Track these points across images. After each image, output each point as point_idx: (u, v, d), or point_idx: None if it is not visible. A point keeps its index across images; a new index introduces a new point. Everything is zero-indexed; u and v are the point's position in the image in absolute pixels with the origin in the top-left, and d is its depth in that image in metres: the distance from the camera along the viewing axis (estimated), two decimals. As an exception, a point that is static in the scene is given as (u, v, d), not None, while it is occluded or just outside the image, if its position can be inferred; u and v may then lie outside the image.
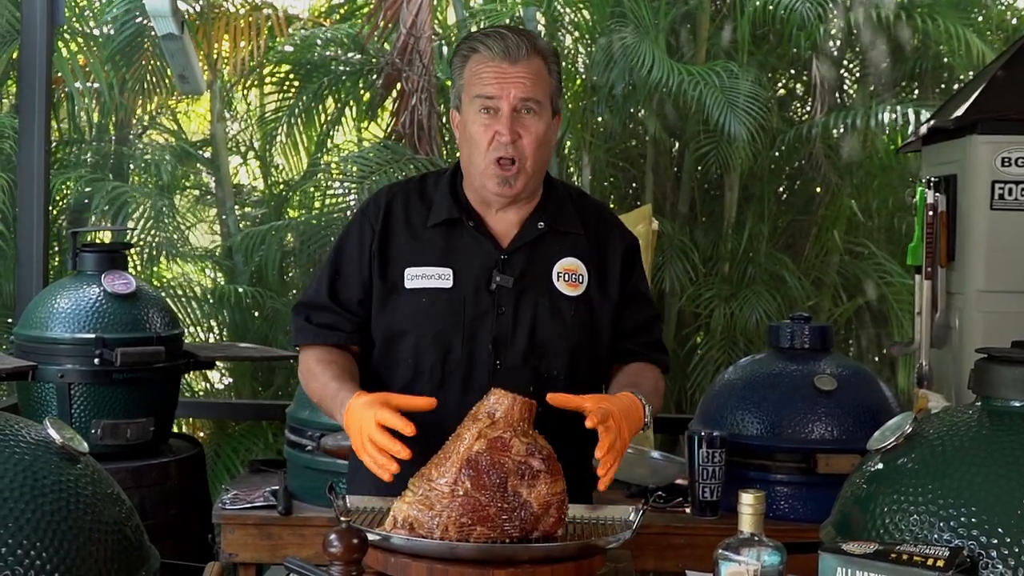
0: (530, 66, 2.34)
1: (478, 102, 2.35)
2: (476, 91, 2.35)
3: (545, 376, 2.38)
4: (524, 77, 2.33)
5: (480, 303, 2.38)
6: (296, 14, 7.47)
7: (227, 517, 3.38)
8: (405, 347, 2.41)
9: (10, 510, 1.54)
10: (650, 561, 3.21)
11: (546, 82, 2.37)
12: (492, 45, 2.34)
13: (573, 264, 2.44)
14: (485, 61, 2.35)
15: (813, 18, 6.35)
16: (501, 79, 2.33)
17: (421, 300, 2.39)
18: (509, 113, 2.32)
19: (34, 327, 3.69)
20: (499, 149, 2.32)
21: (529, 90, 2.33)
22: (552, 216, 2.45)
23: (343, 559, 1.63)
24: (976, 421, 1.74)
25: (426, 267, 2.40)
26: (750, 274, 6.41)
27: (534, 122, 2.34)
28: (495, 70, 2.33)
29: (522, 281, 2.39)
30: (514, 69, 2.33)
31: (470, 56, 2.38)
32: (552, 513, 1.96)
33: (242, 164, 7.79)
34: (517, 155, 2.33)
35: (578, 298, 2.42)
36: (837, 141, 6.64)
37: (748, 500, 1.65)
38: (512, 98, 2.32)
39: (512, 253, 2.41)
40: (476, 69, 2.36)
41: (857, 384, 3.32)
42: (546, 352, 2.38)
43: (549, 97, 2.38)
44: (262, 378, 6.71)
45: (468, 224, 2.42)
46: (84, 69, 6.74)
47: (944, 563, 1.51)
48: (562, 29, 7.09)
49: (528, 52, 2.34)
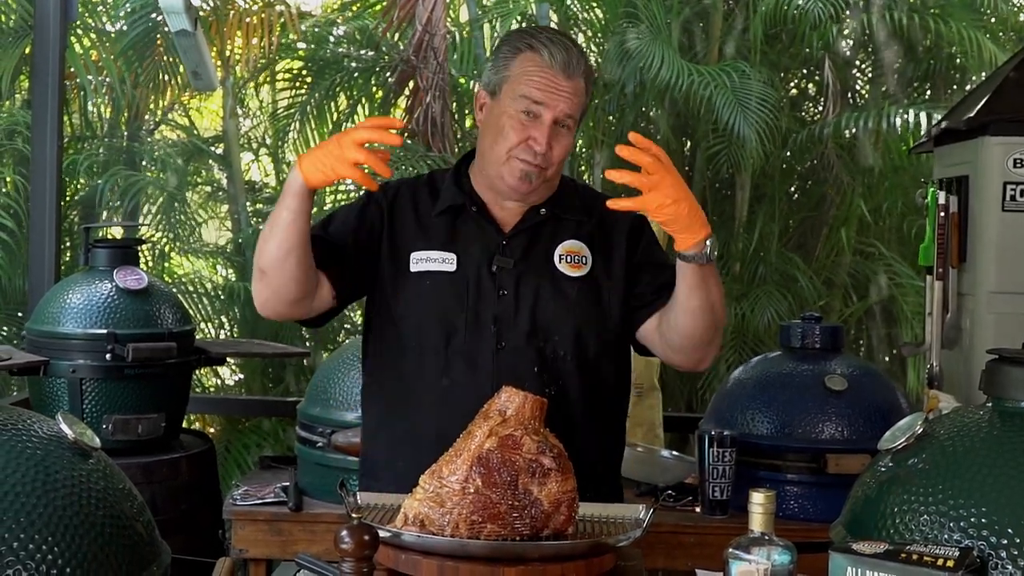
0: (578, 84, 2.37)
1: (523, 102, 2.35)
2: (524, 91, 2.35)
3: (551, 356, 2.40)
4: (572, 94, 2.36)
5: (482, 285, 2.40)
6: (309, 11, 7.48)
7: (238, 513, 3.39)
8: (410, 330, 2.43)
9: (22, 505, 1.55)
10: (660, 560, 3.21)
11: (583, 102, 2.41)
12: (555, 54, 2.35)
13: (576, 246, 2.45)
14: (542, 65, 2.36)
15: (826, 18, 6.34)
16: (553, 90, 2.34)
17: (425, 283, 2.41)
18: (550, 124, 2.34)
19: (46, 322, 3.70)
20: (529, 153, 2.35)
21: (574, 108, 2.37)
22: (554, 203, 2.48)
23: (354, 555, 1.64)
24: (987, 422, 1.74)
25: (430, 251, 2.43)
26: (761, 274, 6.41)
27: (566, 136, 2.38)
28: (549, 79, 2.35)
29: (523, 263, 2.42)
30: (566, 84, 2.35)
31: (526, 52, 2.38)
32: (563, 511, 1.96)
33: (254, 160, 7.80)
34: (545, 163, 2.36)
35: (582, 279, 2.43)
36: (849, 141, 6.63)
37: (759, 499, 1.65)
38: (558, 111, 2.34)
39: (513, 237, 2.44)
40: (529, 68, 2.36)
41: (868, 384, 3.32)
42: (550, 333, 2.39)
43: (580, 115, 2.42)
44: (273, 374, 6.72)
45: (471, 210, 2.45)
46: (97, 65, 6.75)
47: (954, 563, 1.51)
48: (574, 27, 7.09)
49: (579, 71, 2.37)
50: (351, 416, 3.37)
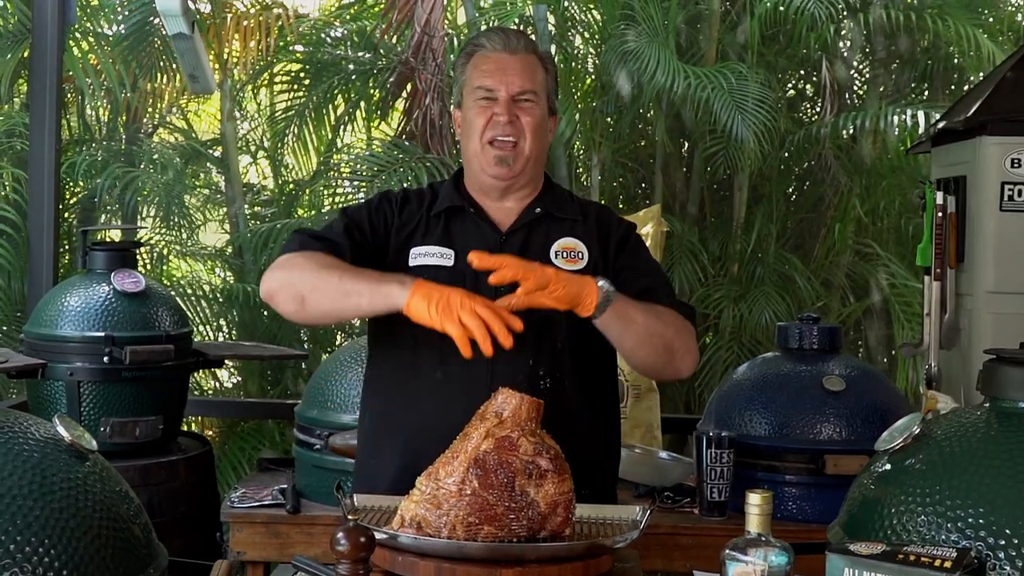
0: (527, 60, 2.49)
1: (479, 92, 2.48)
2: (477, 83, 2.49)
3: (549, 350, 2.43)
4: (522, 69, 2.48)
5: (479, 280, 2.37)
6: (306, 13, 7.48)
7: (235, 515, 3.39)
8: (406, 323, 2.41)
9: (18, 507, 1.55)
10: (658, 561, 3.21)
11: (542, 79, 2.51)
12: (493, 38, 2.51)
13: (571, 243, 2.52)
14: (487, 55, 2.50)
15: (824, 19, 6.34)
16: (501, 70, 2.47)
17: (422, 277, 2.40)
18: (507, 99, 2.46)
19: (44, 325, 3.70)
20: (495, 128, 2.45)
21: (528, 82, 2.47)
22: (550, 204, 2.56)
23: (350, 557, 1.64)
24: (984, 422, 1.74)
25: (430, 246, 2.49)
26: (759, 275, 6.41)
27: (532, 109, 2.48)
28: (495, 62, 2.48)
29: (520, 258, 2.41)
30: (513, 60, 2.48)
31: (473, 53, 2.53)
32: (559, 513, 1.96)
33: (252, 163, 7.80)
34: (515, 134, 2.46)
35: (578, 272, 2.44)
36: (847, 142, 6.63)
37: (755, 500, 1.65)
38: (511, 86, 2.46)
39: (510, 234, 2.51)
40: (477, 63, 2.51)
41: (866, 385, 3.31)
42: (547, 326, 2.41)
43: (546, 94, 2.52)
44: (271, 377, 6.72)
45: (469, 211, 2.52)
46: (95, 68, 6.75)
47: (951, 564, 1.51)
48: (572, 29, 7.09)
49: (526, 48, 2.50)
50: (348, 418, 3.37)
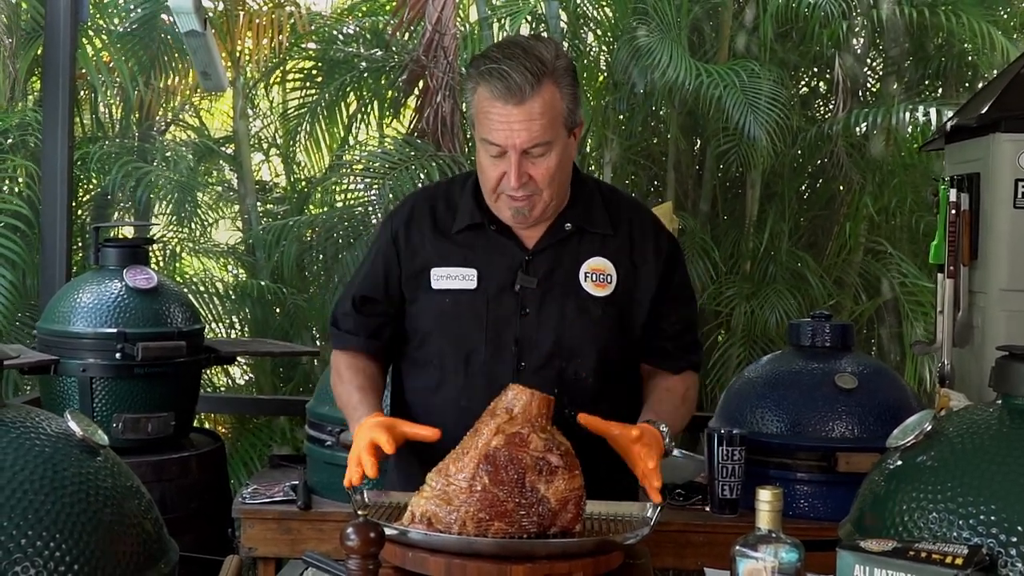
0: (536, 103, 2.19)
1: (485, 145, 2.25)
2: (484, 135, 2.24)
3: (573, 378, 2.34)
4: (527, 121, 2.19)
5: (503, 304, 2.34)
6: (319, 11, 7.49)
7: (247, 511, 3.40)
8: (432, 348, 2.39)
9: (30, 502, 1.55)
10: (669, 559, 3.21)
11: (557, 112, 2.23)
12: (496, 85, 2.19)
13: (601, 264, 2.37)
14: (492, 100, 2.21)
15: (837, 15, 6.33)
16: (507, 125, 2.20)
17: (445, 301, 2.36)
18: (517, 159, 2.22)
19: (56, 321, 3.71)
20: (507, 186, 2.25)
21: (536, 135, 2.21)
22: (580, 217, 2.38)
23: (360, 553, 1.63)
24: (996, 419, 1.73)
25: (451, 267, 2.36)
26: (771, 272, 6.40)
27: (544, 160, 2.24)
28: (500, 114, 2.20)
29: (547, 282, 2.34)
30: (520, 111, 2.19)
31: (479, 87, 2.24)
32: (570, 509, 1.95)
33: (264, 161, 7.81)
34: (529, 191, 2.26)
35: (606, 298, 2.36)
36: (859, 139, 6.61)
37: (766, 497, 1.65)
38: (518, 143, 2.21)
39: (537, 254, 2.36)
40: (483, 107, 2.23)
41: (878, 382, 3.30)
42: (573, 354, 2.34)
43: (562, 125, 2.25)
44: (283, 374, 6.73)
45: (491, 228, 2.37)
46: (108, 65, 6.76)
47: (963, 561, 1.50)
48: (584, 27, 7.09)
49: (533, 87, 2.19)
50: (360, 415, 3.37)
